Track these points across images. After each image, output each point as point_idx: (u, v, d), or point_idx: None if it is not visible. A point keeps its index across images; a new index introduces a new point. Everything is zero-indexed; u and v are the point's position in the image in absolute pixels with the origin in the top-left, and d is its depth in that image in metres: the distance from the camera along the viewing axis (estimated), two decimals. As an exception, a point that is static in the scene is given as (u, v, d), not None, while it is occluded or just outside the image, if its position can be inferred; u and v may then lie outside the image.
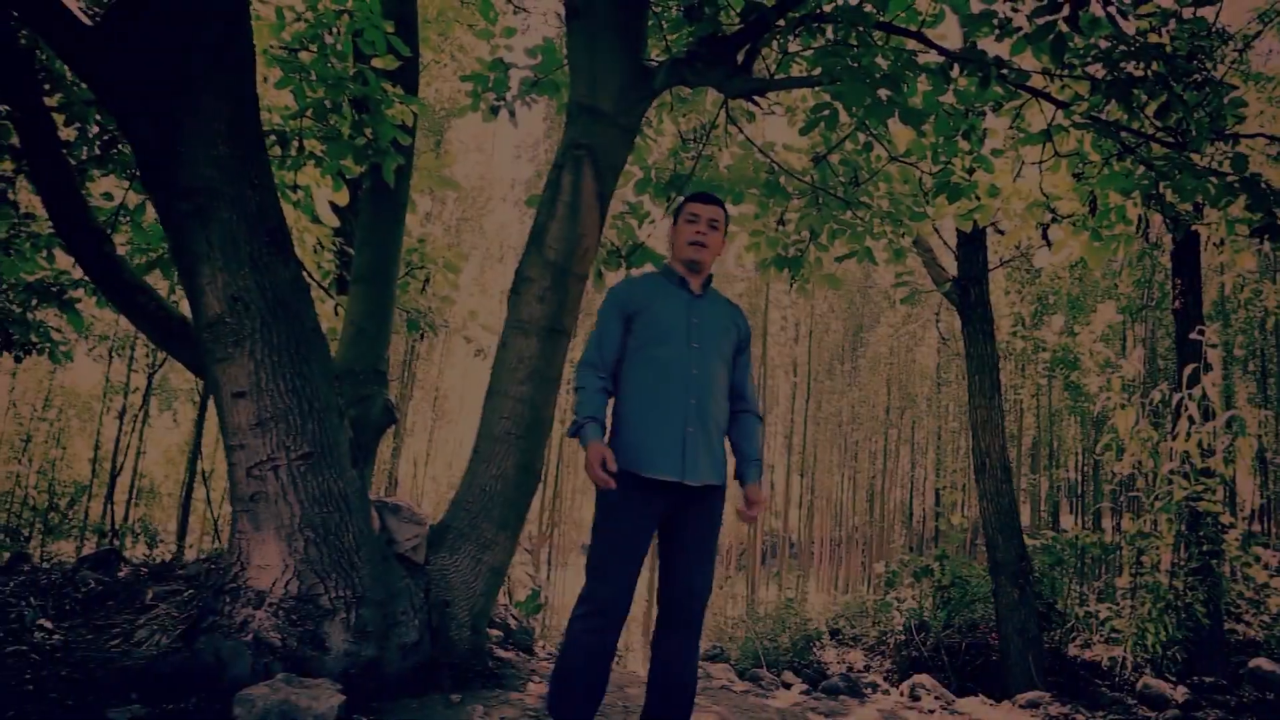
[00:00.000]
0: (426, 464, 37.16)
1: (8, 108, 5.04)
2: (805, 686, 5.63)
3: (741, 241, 6.92)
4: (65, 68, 6.33)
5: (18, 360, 8.67)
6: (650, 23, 5.71)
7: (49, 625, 4.28)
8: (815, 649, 9.77)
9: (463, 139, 28.87)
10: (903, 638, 9.04)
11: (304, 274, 4.28)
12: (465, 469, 4.79)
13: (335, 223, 7.04)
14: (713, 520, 3.30)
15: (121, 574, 5.52)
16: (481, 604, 4.58)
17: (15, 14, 4.30)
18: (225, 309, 3.96)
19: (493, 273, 32.46)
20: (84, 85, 6.30)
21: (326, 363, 4.23)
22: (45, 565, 5.83)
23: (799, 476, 39.66)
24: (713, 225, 3.36)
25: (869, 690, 5.64)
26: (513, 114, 6.80)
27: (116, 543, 18.28)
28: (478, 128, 34.66)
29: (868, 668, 8.96)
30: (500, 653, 5.03)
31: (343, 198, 6.33)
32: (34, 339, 8.19)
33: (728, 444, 3.45)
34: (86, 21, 4.35)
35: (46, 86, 5.92)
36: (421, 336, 7.40)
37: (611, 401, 3.32)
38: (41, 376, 27.39)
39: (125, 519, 20.47)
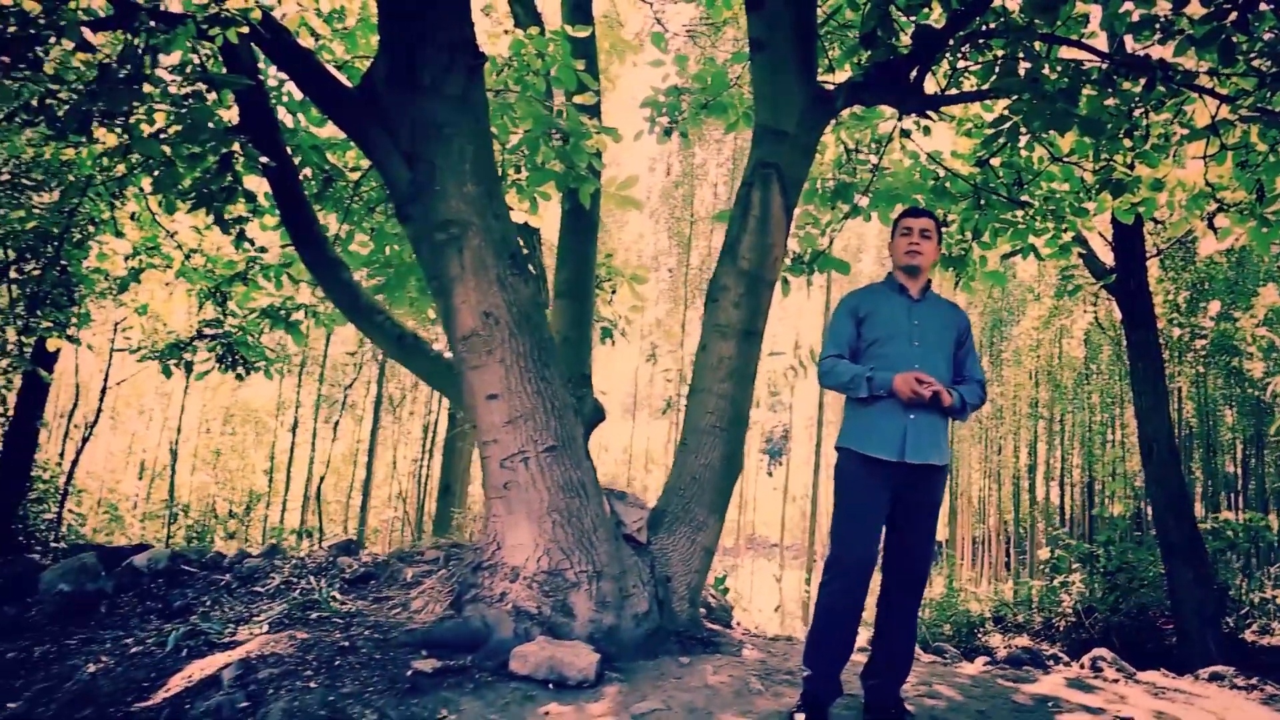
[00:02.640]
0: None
1: (266, 160, 5.82)
2: (987, 659, 5.96)
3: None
4: (286, 119, 7.23)
5: (240, 379, 9.73)
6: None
7: (339, 597, 5.05)
8: (980, 635, 9.99)
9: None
10: (1072, 620, 9.18)
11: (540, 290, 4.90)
12: (674, 459, 5.34)
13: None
14: (933, 497, 3.73)
15: (365, 559, 6.29)
16: (696, 580, 5.12)
17: (297, 84, 5.03)
18: (478, 323, 4.61)
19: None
20: (306, 132, 7.19)
21: (561, 367, 4.84)
22: (295, 555, 6.65)
23: (942, 474, 39.09)
24: (924, 235, 3.80)
25: (1051, 662, 5.93)
26: (684, 135, 7.36)
27: (295, 541, 19.73)
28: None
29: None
30: (709, 625, 5.56)
31: (538, 220, 6.98)
32: (251, 358, 9.23)
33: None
34: (347, 83, 5.11)
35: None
36: (613, 343, 8.05)
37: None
38: (224, 394, 29.57)
39: (302, 522, 21.99)
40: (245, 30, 4.69)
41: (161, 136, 4.99)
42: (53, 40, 4.14)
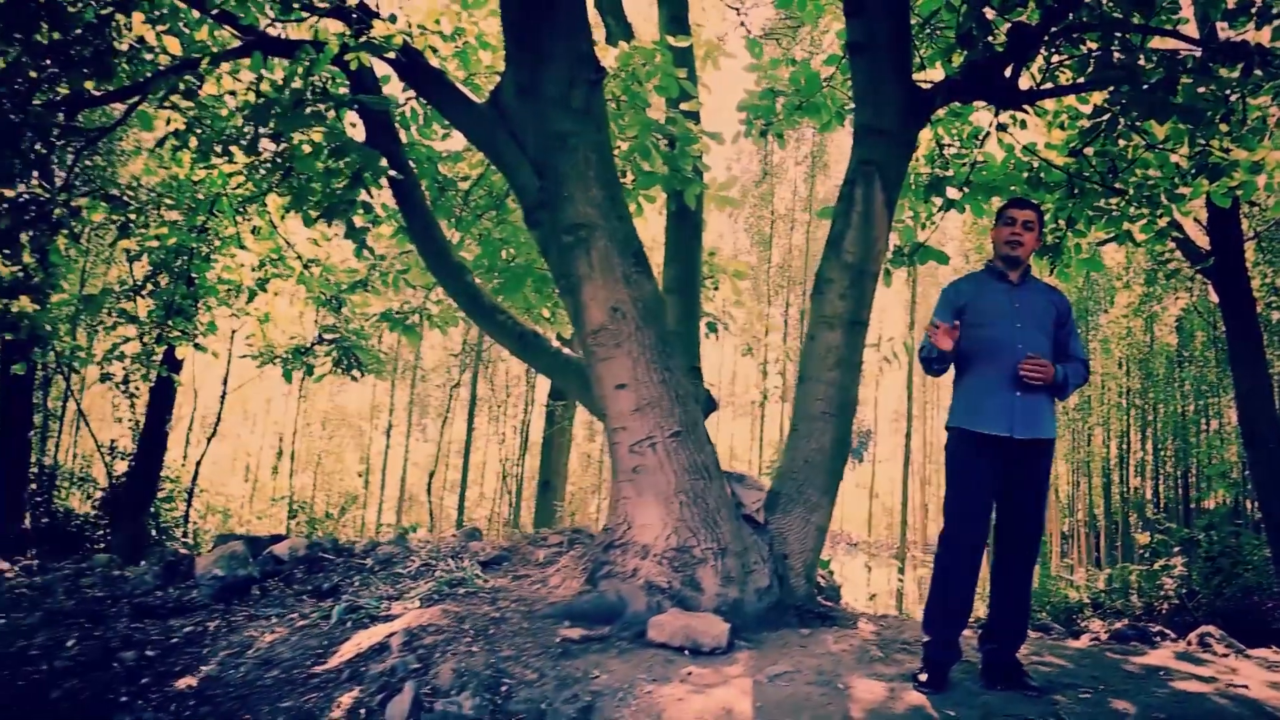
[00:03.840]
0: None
1: (394, 174, 6.24)
2: (1093, 636, 6.11)
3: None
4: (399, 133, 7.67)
5: (354, 379, 10.27)
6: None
7: (481, 575, 5.46)
8: (1078, 620, 10.03)
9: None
10: (1175, 603, 9.20)
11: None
12: (786, 444, 5.63)
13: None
14: (1042, 468, 3.96)
15: (492, 543, 6.71)
16: (811, 558, 5.40)
17: (430, 101, 5.45)
18: (606, 318, 4.96)
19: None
20: (420, 145, 7.63)
21: (681, 357, 5.17)
22: (427, 541, 7.10)
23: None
24: (1026, 226, 4.03)
25: (1158, 639, 6.06)
26: (779, 136, 7.62)
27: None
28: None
29: (1139, 636, 9.14)
30: (822, 601, 5.83)
31: (642, 223, 7.32)
32: (365, 361, 9.77)
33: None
34: (475, 99, 5.52)
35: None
36: (716, 337, 8.38)
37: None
38: (321, 400, 30.71)
39: (397, 520, 22.76)
40: (391, 55, 5.11)
41: (309, 154, 5.45)
42: (234, 65, 4.58)
